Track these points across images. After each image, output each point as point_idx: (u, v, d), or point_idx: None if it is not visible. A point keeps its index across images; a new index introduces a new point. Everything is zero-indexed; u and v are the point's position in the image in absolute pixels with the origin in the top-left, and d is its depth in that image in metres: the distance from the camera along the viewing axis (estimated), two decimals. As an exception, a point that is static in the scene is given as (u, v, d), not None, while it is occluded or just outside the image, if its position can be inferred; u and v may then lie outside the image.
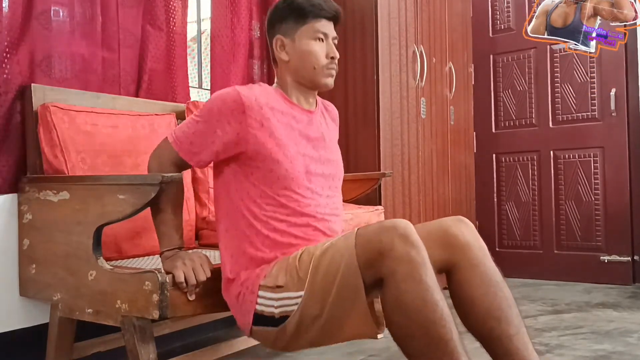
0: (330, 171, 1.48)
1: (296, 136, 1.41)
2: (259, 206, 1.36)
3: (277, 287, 1.28)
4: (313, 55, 1.42)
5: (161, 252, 1.38)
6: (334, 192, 1.49)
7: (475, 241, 1.34)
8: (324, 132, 1.50)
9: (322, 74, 1.43)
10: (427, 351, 1.13)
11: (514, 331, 1.28)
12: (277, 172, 1.36)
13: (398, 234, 1.15)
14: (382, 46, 2.65)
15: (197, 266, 1.34)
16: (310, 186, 1.40)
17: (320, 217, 1.40)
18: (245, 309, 1.34)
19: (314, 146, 1.45)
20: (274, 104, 1.39)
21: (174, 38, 2.22)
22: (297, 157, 1.39)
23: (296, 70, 1.44)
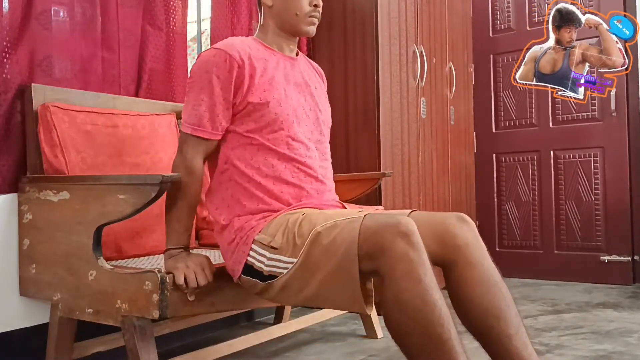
0: (318, 117, 1.53)
1: (282, 80, 1.46)
2: (249, 153, 1.41)
3: (272, 247, 1.31)
4: (296, 1, 1.46)
5: (167, 249, 1.39)
6: (322, 137, 1.54)
7: (474, 241, 1.34)
8: (307, 79, 1.55)
9: (304, 21, 1.48)
10: (425, 350, 1.14)
11: (513, 331, 1.28)
12: (267, 116, 1.40)
13: (400, 233, 1.16)
14: (382, 46, 2.65)
15: (199, 270, 1.35)
16: (299, 129, 1.45)
17: (310, 162, 1.45)
18: (237, 258, 1.37)
19: (299, 91, 1.50)
20: (255, 53, 1.44)
21: (174, 38, 2.22)
22: (285, 100, 1.44)
23: (279, 16, 1.49)
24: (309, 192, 1.44)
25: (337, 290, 1.23)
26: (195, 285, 1.33)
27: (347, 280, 1.20)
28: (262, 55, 1.45)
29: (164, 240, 1.43)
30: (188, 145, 1.41)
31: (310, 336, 2.26)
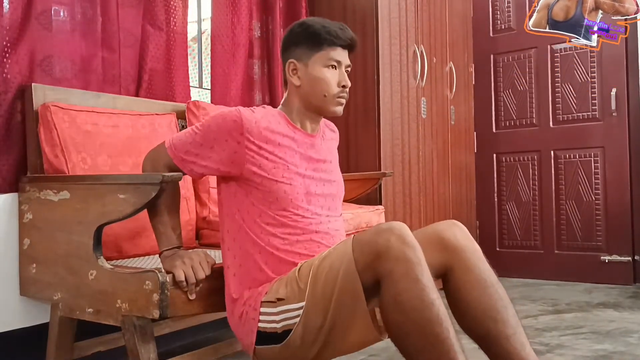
0: (330, 191, 1.47)
1: (297, 158, 1.40)
2: (259, 225, 1.36)
3: (278, 299, 1.27)
4: (325, 82, 1.41)
5: (160, 252, 1.39)
6: (333, 213, 1.47)
7: (469, 244, 1.35)
8: (325, 156, 1.49)
9: (332, 102, 1.43)
10: (423, 350, 1.14)
11: (511, 331, 1.28)
12: (276, 193, 1.35)
13: (394, 235, 1.16)
14: (382, 46, 2.65)
15: (197, 264, 1.34)
16: (310, 207, 1.40)
17: (323, 231, 1.40)
18: (248, 328, 1.33)
19: (314, 168, 1.44)
20: (275, 126, 1.38)
21: (175, 38, 2.22)
22: (297, 179, 1.38)
23: (306, 96, 1.43)
24: None
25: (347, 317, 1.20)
26: (194, 280, 1.32)
27: (354, 302, 1.18)
28: (283, 131, 1.40)
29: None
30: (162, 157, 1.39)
31: (311, 336, 2.25)
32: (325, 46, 1.41)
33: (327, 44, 1.41)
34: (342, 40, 1.42)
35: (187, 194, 1.94)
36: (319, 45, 1.41)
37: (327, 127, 1.58)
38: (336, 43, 1.42)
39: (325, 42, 1.41)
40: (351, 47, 1.46)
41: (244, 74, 2.55)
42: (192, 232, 1.95)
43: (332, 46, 1.41)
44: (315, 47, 1.41)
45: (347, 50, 1.45)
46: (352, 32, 1.47)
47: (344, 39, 1.42)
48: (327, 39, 1.41)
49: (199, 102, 2.12)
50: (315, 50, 1.41)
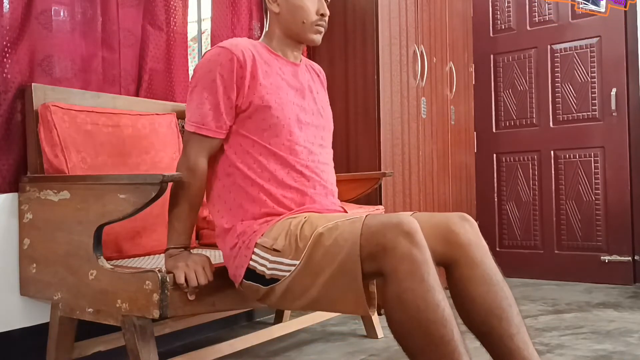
0: (320, 122, 1.53)
1: (284, 85, 1.45)
2: (252, 157, 1.40)
3: (274, 250, 1.30)
4: (303, 10, 1.46)
5: (167, 248, 1.39)
6: (324, 143, 1.53)
7: (476, 240, 1.34)
8: (310, 85, 1.55)
9: (311, 29, 1.47)
10: (427, 350, 1.13)
11: (515, 330, 1.27)
12: (269, 120, 1.40)
13: (403, 232, 1.15)
14: (382, 46, 2.65)
15: (199, 269, 1.34)
16: (301, 134, 1.44)
17: (312, 166, 1.45)
18: (239, 262, 1.37)
19: (301, 96, 1.50)
20: (259, 55, 1.43)
21: (175, 37, 2.22)
22: (287, 104, 1.43)
23: (285, 23, 1.48)
24: (311, 197, 1.44)
25: (340, 292, 1.22)
26: (195, 284, 1.33)
27: (350, 282, 1.19)
28: (266, 59, 1.45)
29: (164, 240, 1.43)
30: (192, 144, 1.41)
31: (311, 336, 2.26)
32: None
33: None
34: None
35: (187, 193, 1.93)
36: None
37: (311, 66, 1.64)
38: None
39: None
40: None
41: (244, 74, 2.55)
42: (192, 232, 1.95)
43: None
44: None
45: None
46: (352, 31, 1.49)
47: None
48: None
49: (199, 102, 2.11)
50: None
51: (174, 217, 1.39)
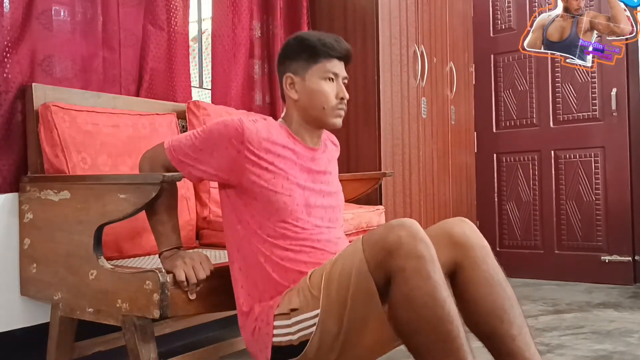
0: (330, 203, 1.46)
1: (297, 170, 1.39)
2: (260, 237, 1.35)
3: (292, 310, 1.26)
4: (323, 95, 1.40)
5: (160, 253, 1.38)
6: (334, 224, 1.46)
7: (478, 241, 1.34)
8: (325, 167, 1.48)
9: (331, 114, 1.42)
10: (433, 347, 1.13)
11: (517, 331, 1.27)
12: (275, 204, 1.34)
13: (405, 231, 1.15)
14: (383, 46, 2.65)
15: (197, 264, 1.34)
16: (310, 219, 1.38)
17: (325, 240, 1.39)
18: (263, 343, 1.30)
19: (314, 180, 1.43)
20: (275, 137, 1.37)
21: (176, 37, 2.22)
22: (296, 190, 1.37)
23: (305, 109, 1.42)
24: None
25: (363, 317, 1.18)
26: (195, 280, 1.32)
27: (369, 304, 1.16)
28: (282, 141, 1.39)
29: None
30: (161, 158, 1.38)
31: (311, 336, 2.25)
32: (321, 59, 1.40)
33: (324, 57, 1.40)
34: (338, 52, 1.42)
35: (188, 194, 1.94)
36: (316, 58, 1.40)
37: (328, 138, 1.57)
38: (332, 55, 1.41)
39: (322, 54, 1.40)
40: (347, 58, 1.45)
41: (245, 74, 2.55)
42: (192, 232, 1.95)
43: (328, 58, 1.41)
44: (312, 60, 1.41)
45: (344, 62, 1.45)
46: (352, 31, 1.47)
47: (339, 51, 1.42)
48: (323, 52, 1.40)
49: (199, 102, 2.12)
50: (311, 63, 1.41)
51: (156, 223, 1.38)
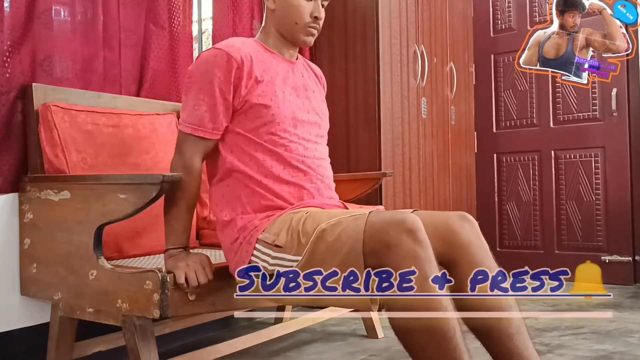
0: (315, 119, 1.53)
1: (280, 83, 1.46)
2: (248, 154, 1.41)
3: (276, 246, 1.30)
4: (298, 10, 1.45)
5: (166, 249, 1.39)
6: (319, 140, 1.53)
7: (477, 240, 1.34)
8: (306, 83, 1.55)
9: (303, 31, 1.47)
10: (428, 347, 1.14)
11: (514, 330, 1.28)
12: (264, 117, 1.40)
13: (406, 230, 1.16)
14: (383, 46, 2.65)
15: (199, 268, 1.35)
16: (296, 132, 1.45)
17: (309, 161, 1.45)
18: (240, 257, 1.37)
19: (297, 94, 1.50)
20: (255, 55, 1.43)
21: (179, 37, 2.22)
22: (284, 102, 1.44)
23: (279, 21, 1.48)
24: (309, 191, 1.44)
25: None
26: (196, 284, 1.33)
27: None
28: (262, 58, 1.45)
29: (164, 240, 1.43)
30: (187, 145, 1.41)
31: (311, 336, 2.26)
32: None
33: None
34: None
35: (188, 193, 1.93)
36: None
37: (309, 66, 1.64)
38: None
39: None
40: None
41: (245, 74, 2.55)
42: (192, 232, 1.95)
43: None
44: None
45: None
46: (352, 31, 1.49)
47: None
48: None
49: (199, 102, 2.11)
50: None
51: (172, 217, 1.39)
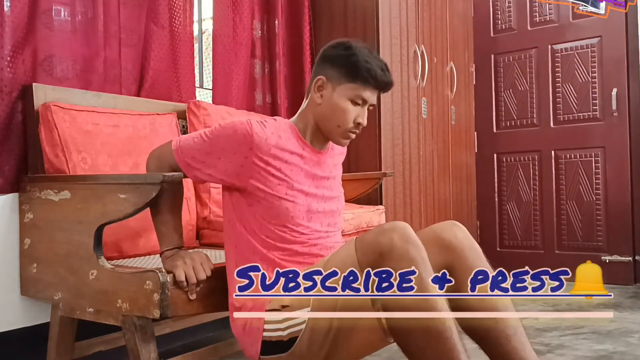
0: (331, 208, 1.46)
1: (302, 176, 1.38)
2: (259, 237, 1.35)
3: (283, 307, 1.26)
4: (343, 114, 1.37)
5: (161, 252, 1.39)
6: (333, 228, 1.46)
7: (468, 243, 1.35)
8: (329, 172, 1.47)
9: (342, 134, 1.40)
10: (426, 348, 1.14)
11: (512, 331, 1.28)
12: (278, 209, 1.34)
13: (397, 234, 1.16)
14: (383, 46, 2.65)
15: (198, 265, 1.34)
16: (310, 224, 1.39)
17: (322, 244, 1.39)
18: (253, 337, 1.31)
19: (317, 185, 1.42)
20: (284, 143, 1.36)
21: (179, 37, 2.22)
22: (300, 196, 1.37)
23: (321, 117, 1.40)
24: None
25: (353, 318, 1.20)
26: (195, 281, 1.32)
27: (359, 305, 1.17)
28: (290, 147, 1.37)
29: (164, 240, 1.43)
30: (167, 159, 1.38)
31: (311, 336, 2.25)
32: (359, 81, 1.36)
33: (362, 81, 1.36)
34: (377, 83, 1.38)
35: (188, 194, 1.93)
36: (354, 78, 1.36)
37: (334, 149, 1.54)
38: (371, 84, 1.37)
39: (361, 78, 1.35)
40: (384, 90, 1.42)
41: (246, 74, 2.55)
42: (192, 232, 1.95)
43: (365, 84, 1.36)
44: (350, 77, 1.36)
45: (378, 92, 1.42)
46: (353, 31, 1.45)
47: (380, 82, 1.38)
48: (364, 77, 1.35)
49: (200, 102, 2.12)
50: (348, 80, 1.36)
51: (159, 222, 1.38)
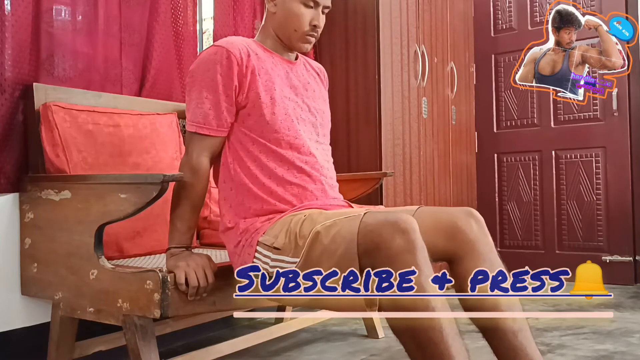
0: (315, 120, 1.52)
1: (279, 82, 1.46)
2: (252, 155, 1.41)
3: (275, 248, 1.31)
4: (298, 18, 1.45)
5: (168, 247, 1.39)
6: (322, 139, 1.53)
7: (482, 237, 1.34)
8: (305, 83, 1.54)
9: (301, 38, 1.48)
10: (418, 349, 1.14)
11: (518, 327, 1.28)
12: (267, 116, 1.41)
13: (399, 230, 1.15)
14: (383, 46, 2.65)
15: (200, 270, 1.35)
16: (299, 128, 1.45)
17: (312, 162, 1.45)
18: (243, 260, 1.37)
19: (296, 94, 1.50)
20: (254, 53, 1.44)
21: (183, 36, 2.22)
22: (283, 100, 1.44)
23: (278, 25, 1.49)
24: (312, 193, 1.44)
25: None
26: (195, 284, 1.33)
27: None
28: (260, 56, 1.46)
29: (164, 239, 1.43)
30: (193, 144, 1.41)
31: (312, 336, 2.26)
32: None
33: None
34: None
35: (188, 193, 1.93)
36: None
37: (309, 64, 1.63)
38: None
39: None
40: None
41: (246, 74, 2.55)
42: (193, 231, 1.95)
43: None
44: None
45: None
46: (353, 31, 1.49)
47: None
48: None
49: (200, 101, 2.11)
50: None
51: (176, 217, 1.40)
